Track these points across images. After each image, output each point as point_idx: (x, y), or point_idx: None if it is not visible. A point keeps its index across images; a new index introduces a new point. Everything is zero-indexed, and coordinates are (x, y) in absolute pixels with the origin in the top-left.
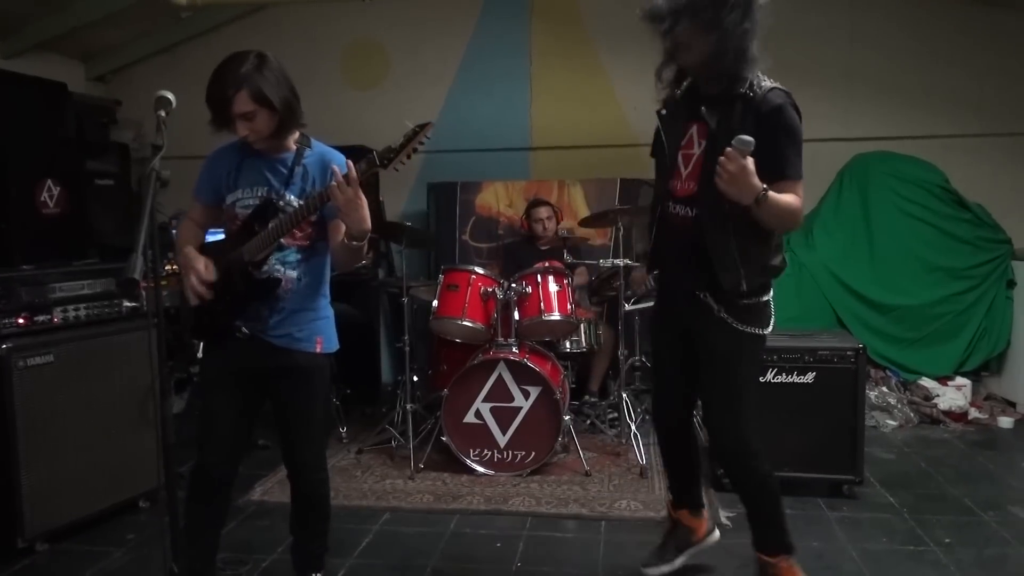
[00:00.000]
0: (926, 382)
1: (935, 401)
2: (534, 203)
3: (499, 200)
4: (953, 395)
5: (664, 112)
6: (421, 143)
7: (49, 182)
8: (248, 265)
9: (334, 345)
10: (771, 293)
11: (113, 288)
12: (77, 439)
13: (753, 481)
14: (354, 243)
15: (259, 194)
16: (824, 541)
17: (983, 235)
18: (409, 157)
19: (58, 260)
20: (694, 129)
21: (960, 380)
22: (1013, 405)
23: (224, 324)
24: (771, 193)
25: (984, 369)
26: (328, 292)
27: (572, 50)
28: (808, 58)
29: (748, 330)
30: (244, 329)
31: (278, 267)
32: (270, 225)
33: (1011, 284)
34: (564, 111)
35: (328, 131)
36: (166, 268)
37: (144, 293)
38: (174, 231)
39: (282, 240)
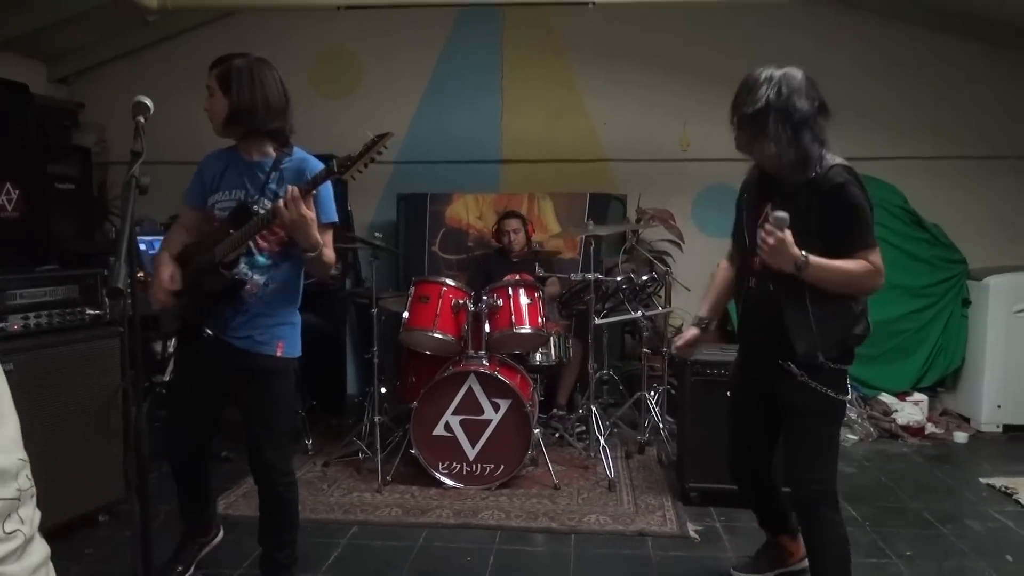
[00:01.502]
0: (885, 397)
1: (894, 416)
2: (505, 215)
3: (469, 212)
4: (911, 410)
5: (745, 195)
6: (380, 152)
7: (8, 185)
8: (218, 265)
9: (296, 351)
10: (851, 365)
11: (76, 295)
12: (35, 450)
13: (826, 534)
14: (307, 254)
15: (236, 198)
16: None
17: (940, 255)
18: (366, 166)
19: (16, 265)
20: (768, 208)
21: (917, 396)
22: (967, 420)
23: (194, 321)
24: (812, 260)
25: (940, 385)
26: (298, 300)
27: (544, 64)
28: None
29: (830, 394)
30: (208, 331)
31: (247, 271)
32: (243, 228)
33: (966, 303)
34: (535, 125)
35: (298, 139)
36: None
37: (109, 301)
38: (138, 238)
39: (255, 245)
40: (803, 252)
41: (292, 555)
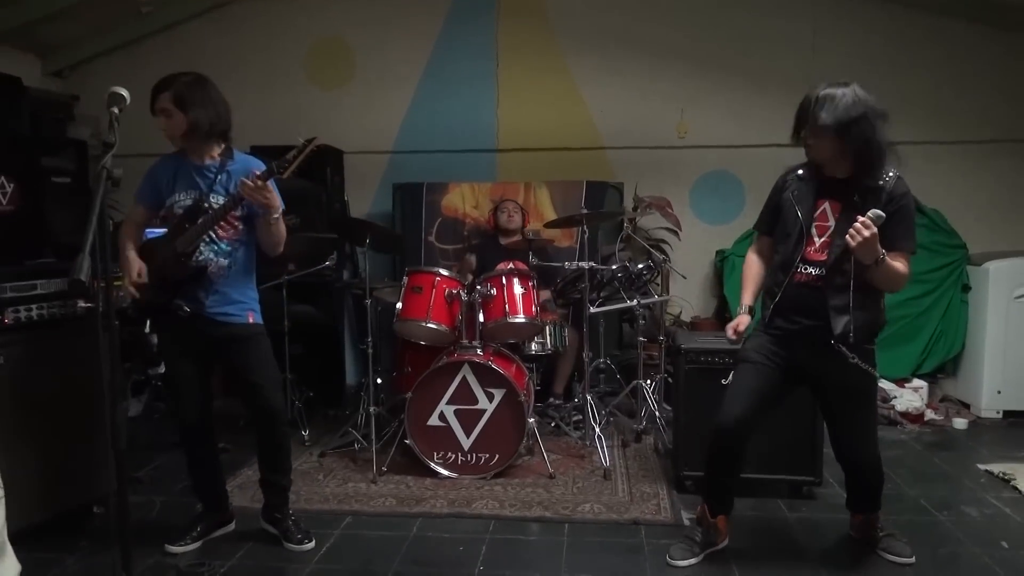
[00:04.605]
0: (884, 384)
1: (893, 403)
2: (503, 201)
3: (465, 201)
4: (910, 397)
5: (793, 193)
6: (311, 154)
7: (2, 179)
8: (181, 255)
9: (261, 320)
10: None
11: (67, 288)
12: (29, 443)
13: (879, 481)
14: (273, 217)
15: (191, 196)
16: (784, 542)
17: (940, 240)
18: (300, 166)
19: (10, 259)
20: (826, 206)
21: (917, 382)
22: (967, 407)
23: (165, 304)
24: (888, 258)
25: (940, 371)
26: (254, 278)
27: (538, 53)
28: (770, 65)
29: (873, 372)
30: (186, 308)
31: (211, 256)
32: (199, 221)
33: (966, 288)
34: (530, 113)
35: (292, 131)
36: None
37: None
38: None
39: (215, 234)
40: (883, 251)
41: (288, 477)
